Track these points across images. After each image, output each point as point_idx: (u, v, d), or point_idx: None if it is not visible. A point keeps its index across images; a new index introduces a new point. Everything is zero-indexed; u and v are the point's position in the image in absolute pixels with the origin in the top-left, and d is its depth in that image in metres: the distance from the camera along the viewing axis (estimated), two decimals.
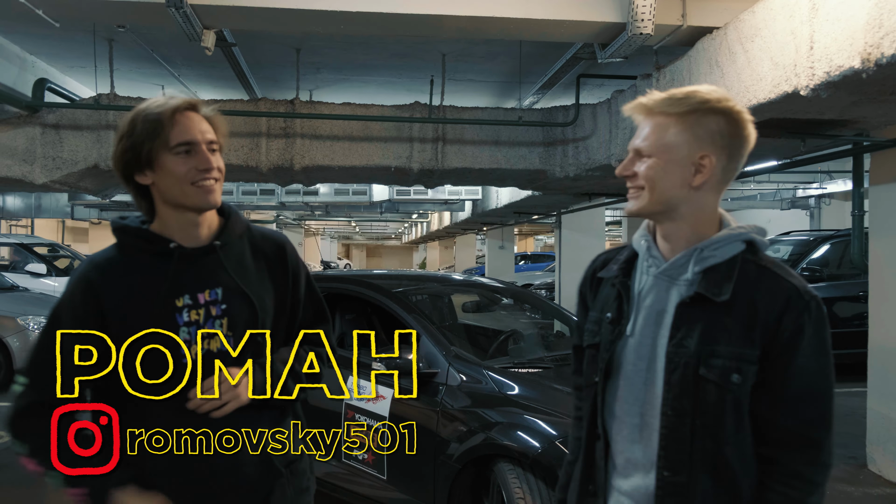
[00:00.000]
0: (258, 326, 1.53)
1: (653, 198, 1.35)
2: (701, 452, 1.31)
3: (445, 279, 5.37)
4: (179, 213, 1.48)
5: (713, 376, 1.30)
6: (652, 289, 1.41)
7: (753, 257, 1.36)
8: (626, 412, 1.41)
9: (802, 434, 1.31)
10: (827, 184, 12.64)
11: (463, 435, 3.27)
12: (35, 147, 5.89)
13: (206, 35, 4.27)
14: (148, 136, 1.42)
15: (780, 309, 1.29)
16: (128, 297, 1.45)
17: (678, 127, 1.33)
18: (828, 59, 3.12)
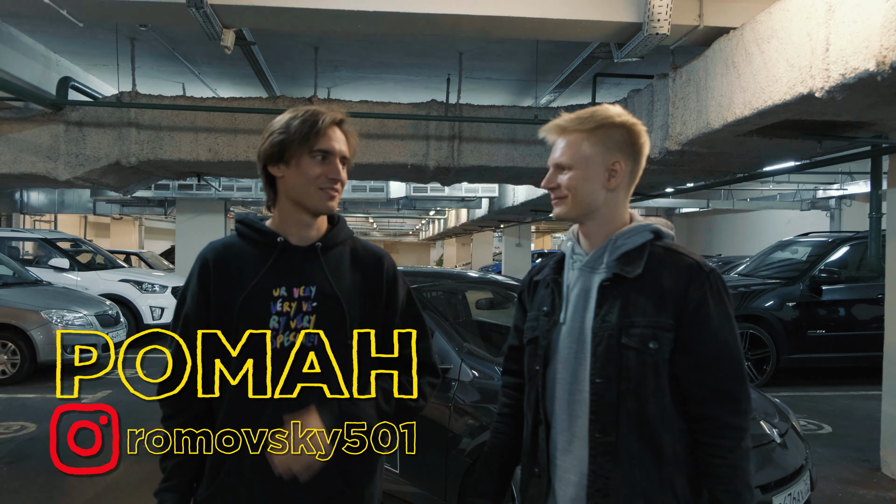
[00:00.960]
0: (345, 330, 1.58)
1: (576, 203, 1.58)
2: (626, 414, 1.51)
3: (460, 276, 5.40)
4: (297, 210, 1.60)
5: (633, 343, 1.50)
6: (578, 280, 1.62)
7: (660, 242, 1.59)
8: (564, 391, 1.60)
9: (722, 389, 1.50)
10: (848, 185, 12.51)
11: (475, 430, 3.30)
12: (59, 144, 6.00)
13: (226, 34, 4.33)
14: (300, 135, 1.55)
15: (686, 281, 1.51)
16: (233, 279, 1.57)
17: (590, 141, 1.55)
18: (843, 62, 3.12)
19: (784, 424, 3.48)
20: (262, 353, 1.54)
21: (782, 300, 7.75)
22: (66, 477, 4.62)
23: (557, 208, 1.61)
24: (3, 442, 5.34)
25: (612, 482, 1.50)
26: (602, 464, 1.52)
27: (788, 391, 7.21)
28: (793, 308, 7.76)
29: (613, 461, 1.51)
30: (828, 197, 13.69)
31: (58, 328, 7.64)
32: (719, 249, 17.92)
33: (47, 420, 6.06)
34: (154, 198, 13.74)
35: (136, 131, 6.07)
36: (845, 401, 7.03)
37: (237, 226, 1.67)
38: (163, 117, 6.11)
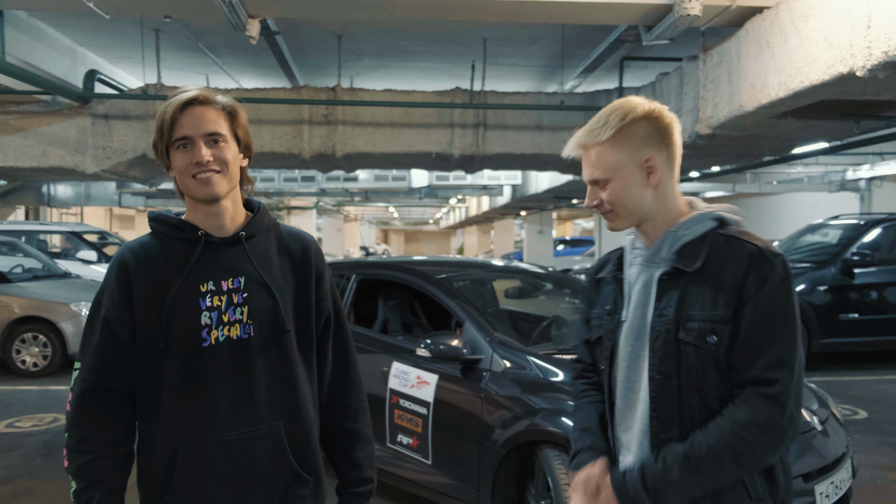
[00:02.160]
0: (279, 318, 1.55)
1: (626, 213, 1.52)
2: (689, 408, 1.45)
3: (487, 265, 5.36)
4: (196, 203, 1.53)
5: (691, 339, 1.44)
6: (639, 276, 1.56)
7: (723, 231, 1.50)
8: (628, 389, 1.55)
9: (763, 376, 1.40)
10: (878, 165, 12.25)
11: (507, 421, 3.27)
12: (86, 137, 6.04)
13: (251, 24, 4.31)
14: (160, 133, 1.48)
15: (745, 269, 1.42)
16: (156, 279, 1.50)
17: (614, 148, 1.49)
18: (886, 39, 3.02)
19: (824, 412, 3.41)
20: (197, 351, 1.48)
21: (813, 284, 7.61)
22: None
23: (611, 223, 1.55)
24: (37, 434, 5.41)
25: None
26: None
27: (821, 376, 7.09)
28: (824, 292, 7.63)
29: None
30: (857, 178, 13.41)
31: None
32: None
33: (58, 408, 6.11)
34: None
35: None
36: (880, 385, 6.90)
37: (151, 224, 1.59)
38: None
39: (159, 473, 1.50)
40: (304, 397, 1.59)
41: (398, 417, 3.75)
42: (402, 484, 3.78)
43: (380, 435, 3.84)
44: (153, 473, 1.51)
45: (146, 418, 1.52)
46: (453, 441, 3.50)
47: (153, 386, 1.50)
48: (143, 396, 1.51)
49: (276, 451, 1.54)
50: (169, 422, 1.49)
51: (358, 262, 4.83)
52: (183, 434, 1.48)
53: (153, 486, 1.51)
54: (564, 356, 3.58)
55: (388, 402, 3.80)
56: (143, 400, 1.51)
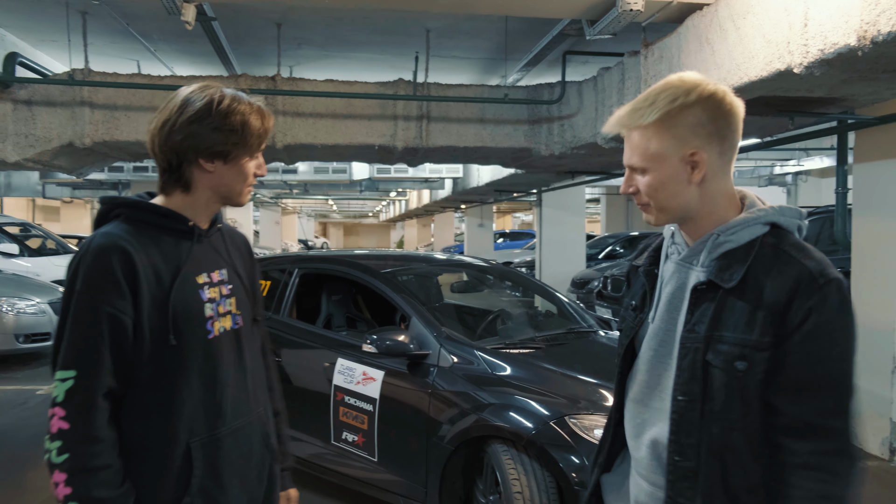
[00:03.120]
0: (253, 308, 1.65)
1: (662, 209, 1.35)
2: (709, 438, 1.30)
3: (431, 259, 5.32)
4: (215, 201, 1.55)
5: (718, 362, 1.28)
6: (673, 275, 1.40)
7: (774, 240, 1.31)
8: (646, 395, 1.42)
9: (813, 423, 1.24)
10: (804, 161, 12.76)
11: (455, 416, 3.24)
12: (6, 124, 5.70)
13: (186, 9, 4.13)
14: (257, 142, 1.51)
15: (790, 294, 1.24)
16: (156, 271, 1.44)
17: (658, 135, 1.30)
18: (822, 37, 3.10)
19: None
20: (205, 343, 1.49)
21: None
22: (26, 473, 4.44)
23: (647, 216, 1.38)
24: None
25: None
26: (681, 490, 1.32)
27: None
28: None
29: (692, 489, 1.31)
30: (784, 173, 13.95)
31: (9, 316, 7.34)
32: None
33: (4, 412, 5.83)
34: (107, 180, 13.28)
35: (91, 111, 5.80)
36: None
37: (128, 211, 1.48)
38: (118, 96, 5.85)
39: (175, 475, 1.43)
40: (265, 382, 1.71)
41: (343, 415, 3.68)
42: (347, 482, 3.72)
43: (324, 432, 3.77)
44: (167, 477, 1.43)
45: (152, 420, 1.43)
46: (400, 438, 3.46)
47: (161, 384, 1.43)
48: (147, 396, 1.42)
49: (263, 435, 1.63)
50: (183, 419, 1.45)
51: (300, 256, 4.72)
52: (197, 429, 1.46)
53: (167, 488, 1.42)
54: (511, 350, 3.58)
55: (332, 400, 3.72)
56: (147, 400, 1.42)
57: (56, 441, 1.33)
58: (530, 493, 2.88)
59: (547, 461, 2.89)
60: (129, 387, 1.41)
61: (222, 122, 1.45)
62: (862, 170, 4.93)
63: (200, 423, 1.46)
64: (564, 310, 4.50)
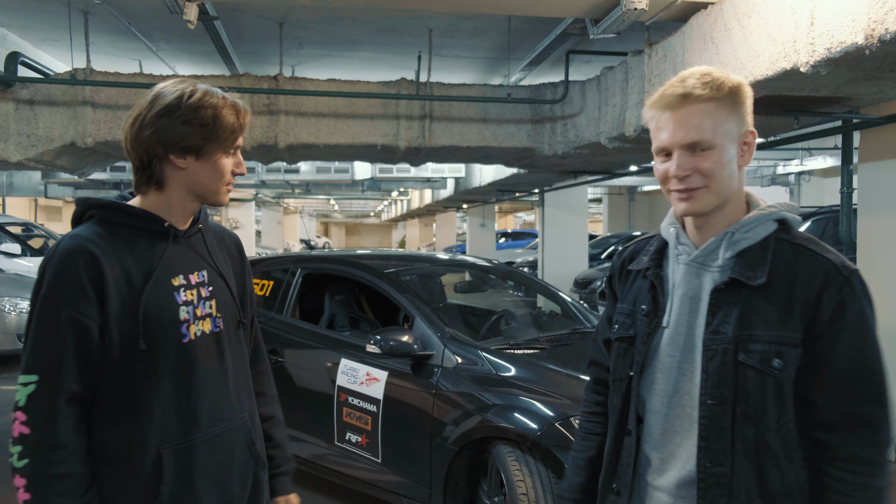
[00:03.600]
0: (237, 311, 1.59)
1: (717, 192, 1.29)
2: (743, 441, 1.28)
3: (434, 259, 5.30)
4: (191, 200, 1.50)
5: (753, 361, 1.27)
6: (684, 277, 1.38)
7: (787, 236, 1.33)
8: (664, 404, 1.39)
9: (855, 414, 1.25)
10: (807, 160, 12.73)
11: (459, 417, 3.23)
12: (8, 124, 5.69)
13: (189, 8, 4.12)
14: (230, 134, 1.45)
15: (819, 287, 1.26)
16: (126, 274, 1.40)
17: (725, 109, 1.28)
18: (829, 35, 3.08)
19: None
20: (179, 348, 1.44)
21: None
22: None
23: (690, 203, 1.30)
24: None
25: None
26: (714, 497, 1.30)
27: None
28: None
29: (728, 495, 1.29)
30: (787, 173, 13.91)
31: (11, 316, 7.34)
32: None
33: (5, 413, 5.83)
34: (109, 180, 13.28)
35: (93, 110, 5.79)
36: None
37: (101, 212, 1.45)
38: (120, 96, 5.84)
39: (143, 483, 1.39)
40: (251, 387, 1.66)
41: (347, 415, 3.66)
42: (350, 483, 3.70)
43: (327, 433, 3.75)
44: (135, 485, 1.39)
45: (120, 425, 1.39)
46: (404, 439, 3.44)
47: (130, 389, 1.39)
48: (116, 401, 1.38)
49: (247, 441, 1.57)
50: (154, 425, 1.42)
51: (303, 256, 4.70)
52: (169, 436, 1.42)
53: (135, 495, 1.39)
54: (516, 350, 3.56)
55: (336, 400, 3.71)
56: (115, 405, 1.39)
57: (17, 446, 1.30)
58: (535, 494, 2.86)
59: (552, 462, 2.87)
60: (98, 392, 1.38)
61: (192, 115, 1.40)
62: (867, 169, 4.91)
63: (173, 428, 1.42)
64: (568, 310, 4.48)
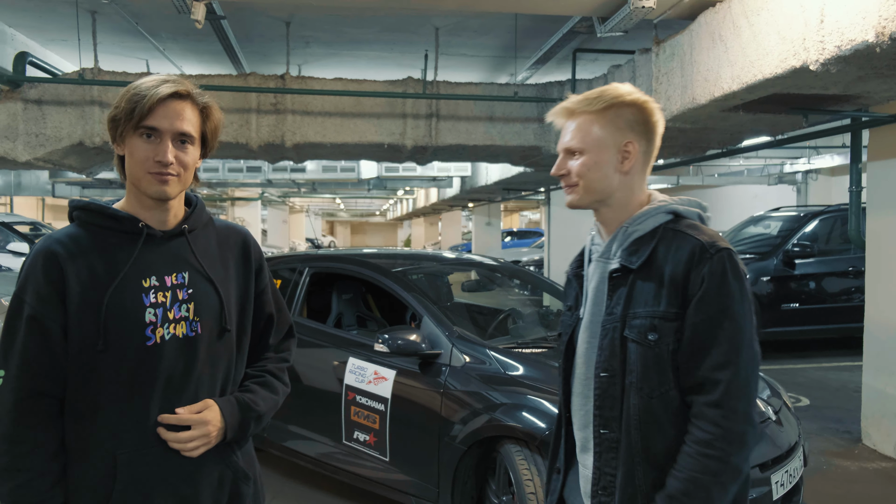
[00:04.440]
0: (223, 314, 1.51)
1: (588, 190, 1.51)
2: (629, 409, 1.43)
3: (442, 258, 5.30)
4: (140, 195, 1.47)
5: (634, 336, 1.43)
6: (595, 272, 1.57)
7: (674, 225, 1.49)
8: (584, 386, 1.55)
9: (708, 378, 1.38)
10: (814, 159, 12.67)
11: (467, 416, 3.23)
12: (17, 123, 5.71)
13: (196, 7, 4.13)
14: (127, 113, 1.40)
15: (686, 265, 1.41)
16: (91, 274, 1.39)
17: (600, 122, 1.48)
18: (839, 33, 3.06)
19: (777, 401, 3.47)
20: (141, 351, 1.40)
21: (757, 275, 7.81)
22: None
23: (569, 196, 1.54)
24: None
25: (617, 480, 1.45)
26: (607, 461, 1.47)
27: (765, 365, 7.28)
28: (767, 282, 7.84)
29: (616, 458, 1.45)
30: (794, 171, 13.85)
31: None
32: None
33: None
34: (117, 179, 13.32)
35: (100, 110, 5.80)
36: (820, 373, 7.14)
37: (78, 214, 1.46)
38: None
39: (95, 485, 1.38)
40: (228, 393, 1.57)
41: (354, 414, 3.67)
42: (358, 482, 3.71)
43: (335, 432, 3.75)
44: (87, 486, 1.38)
45: (79, 425, 1.38)
46: (412, 437, 3.44)
47: (89, 389, 1.38)
48: (76, 401, 1.38)
49: (223, 451, 1.49)
50: (109, 427, 1.38)
51: (311, 255, 4.71)
52: (126, 440, 1.38)
53: (85, 497, 1.37)
54: (524, 350, 3.55)
55: (343, 399, 3.71)
56: (76, 404, 1.38)
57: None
58: (544, 493, 2.86)
59: None
60: (66, 391, 1.38)
61: (118, 100, 1.43)
62: (876, 168, 4.88)
63: (130, 433, 1.39)
64: None
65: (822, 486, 4.13)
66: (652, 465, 1.42)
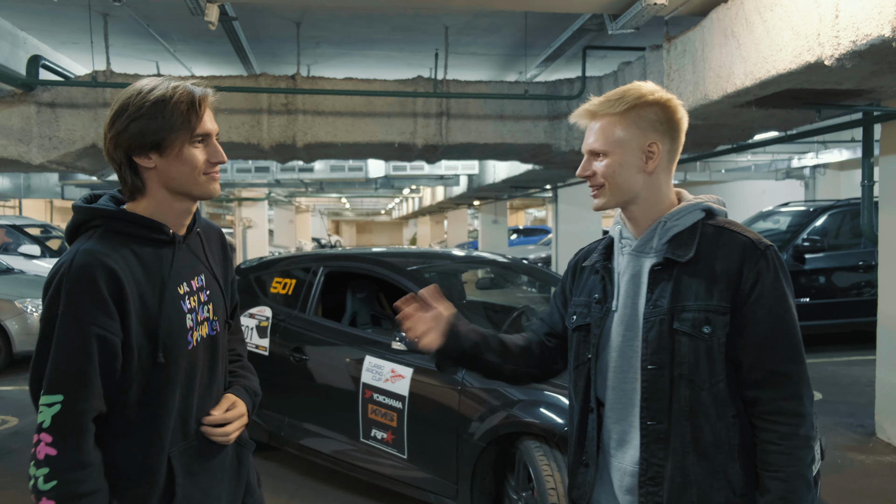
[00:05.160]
0: (227, 311, 1.63)
1: (614, 191, 1.53)
2: (679, 401, 1.46)
3: (455, 256, 5.32)
4: (179, 200, 1.47)
5: (686, 328, 1.46)
6: (628, 266, 1.58)
7: (712, 221, 1.54)
8: (618, 379, 1.56)
9: (776, 371, 1.44)
10: (822, 153, 12.63)
11: (485, 413, 3.25)
12: (31, 126, 5.75)
13: (210, 9, 4.15)
14: (180, 121, 1.39)
15: (739, 261, 1.46)
16: (140, 288, 1.40)
17: (623, 123, 1.50)
18: (854, 28, 3.07)
19: None
20: (185, 355, 1.46)
21: None
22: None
23: (596, 200, 1.57)
24: None
25: (665, 470, 1.47)
26: (654, 451, 1.49)
27: None
28: None
29: (665, 449, 1.47)
30: (802, 166, 13.80)
31: (33, 317, 7.42)
32: None
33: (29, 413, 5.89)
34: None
35: None
36: (832, 367, 7.14)
37: (107, 222, 1.42)
38: None
39: (158, 487, 1.42)
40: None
41: (372, 412, 3.69)
42: (376, 479, 3.73)
43: (353, 430, 3.78)
44: (149, 489, 1.42)
45: (135, 435, 1.40)
46: (430, 435, 3.46)
47: (145, 400, 1.40)
48: (130, 413, 1.39)
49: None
50: (166, 433, 1.42)
51: (325, 254, 4.73)
52: (175, 440, 1.46)
53: (153, 501, 1.42)
54: None
55: (360, 397, 3.73)
56: (130, 416, 1.39)
57: (43, 468, 1.29)
58: (564, 489, 2.88)
59: None
60: (114, 405, 1.38)
61: (139, 111, 1.38)
62: (888, 162, 4.88)
63: (177, 433, 1.46)
64: None
65: (839, 482, 4.14)
66: (702, 455, 1.45)
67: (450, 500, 3.36)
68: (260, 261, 5.12)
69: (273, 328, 4.35)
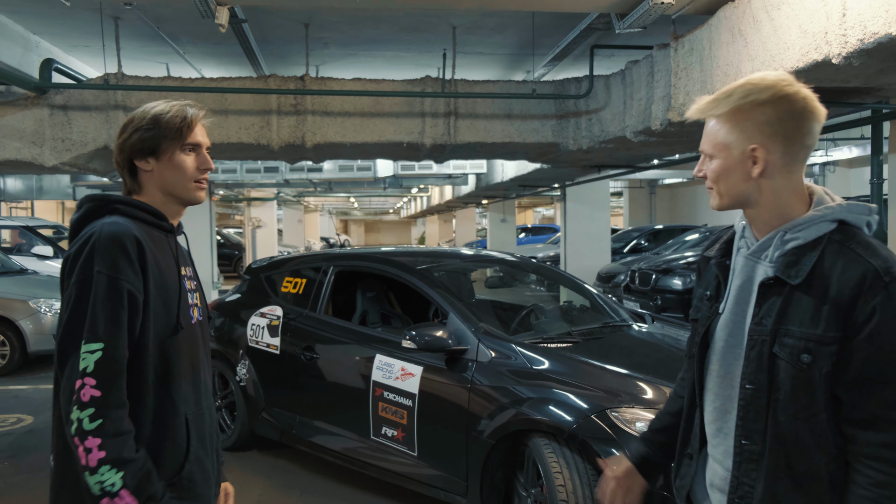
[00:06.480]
0: (206, 303, 1.81)
1: (722, 194, 1.43)
2: (774, 425, 1.37)
3: (464, 255, 5.35)
4: (171, 202, 1.68)
5: (784, 355, 1.34)
6: (742, 269, 1.48)
7: (841, 237, 1.35)
8: (717, 385, 1.50)
9: (879, 416, 1.29)
10: (832, 151, 12.59)
11: (494, 411, 3.27)
12: (44, 129, 5.82)
13: (220, 11, 4.19)
14: (172, 131, 1.63)
15: (854, 291, 1.28)
16: (157, 262, 1.59)
17: (727, 126, 1.39)
18: (862, 27, 3.08)
19: None
20: (190, 328, 1.66)
21: None
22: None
23: (711, 200, 1.48)
24: (1, 436, 5.23)
25: (756, 492, 1.40)
26: (746, 471, 1.42)
27: None
28: None
29: (757, 471, 1.40)
30: (811, 164, 13.76)
31: (47, 317, 7.49)
32: (704, 220, 18.04)
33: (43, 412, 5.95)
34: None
35: (125, 114, 5.89)
36: None
37: (124, 207, 1.62)
38: (151, 99, 5.89)
39: (176, 442, 1.60)
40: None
41: (382, 410, 3.72)
42: (387, 477, 3.76)
43: (363, 428, 3.81)
44: (171, 443, 1.59)
45: (164, 390, 1.58)
46: (440, 432, 3.49)
47: (169, 360, 1.59)
48: (149, 371, 1.56)
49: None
50: (182, 393, 1.62)
51: (335, 254, 4.77)
52: (189, 403, 1.64)
53: (172, 455, 1.59)
54: (549, 345, 3.60)
55: (371, 395, 3.77)
56: (149, 375, 1.56)
57: (88, 409, 1.41)
58: (573, 485, 2.90)
59: (588, 454, 2.91)
60: (132, 362, 1.52)
61: (141, 122, 1.63)
62: None
63: (191, 398, 1.64)
64: (598, 304, 4.50)
65: None
66: (795, 483, 1.37)
67: (460, 497, 3.39)
68: (270, 260, 5.16)
69: (284, 327, 4.40)
